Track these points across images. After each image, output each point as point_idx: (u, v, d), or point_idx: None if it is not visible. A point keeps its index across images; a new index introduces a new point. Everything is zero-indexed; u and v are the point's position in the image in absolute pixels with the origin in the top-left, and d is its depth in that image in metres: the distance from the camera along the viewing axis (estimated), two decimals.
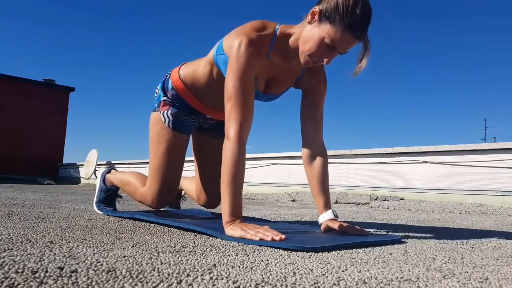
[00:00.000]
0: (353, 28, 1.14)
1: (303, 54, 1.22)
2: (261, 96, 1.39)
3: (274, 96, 1.42)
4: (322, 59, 1.21)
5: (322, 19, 1.17)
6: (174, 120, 1.53)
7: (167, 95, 1.54)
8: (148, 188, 1.58)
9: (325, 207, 1.34)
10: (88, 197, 3.34)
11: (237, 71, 1.19)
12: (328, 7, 1.15)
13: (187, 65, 1.52)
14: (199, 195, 1.71)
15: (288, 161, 5.21)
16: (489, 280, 0.73)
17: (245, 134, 1.19)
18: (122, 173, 1.80)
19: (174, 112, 1.53)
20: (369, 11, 1.16)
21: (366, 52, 1.18)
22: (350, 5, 1.13)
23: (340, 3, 1.14)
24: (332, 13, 1.15)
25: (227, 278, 0.66)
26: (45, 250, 0.83)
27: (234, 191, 1.14)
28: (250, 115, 1.21)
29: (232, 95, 1.19)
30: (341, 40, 1.16)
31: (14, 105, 10.46)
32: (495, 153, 3.60)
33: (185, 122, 1.55)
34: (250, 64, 1.20)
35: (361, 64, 1.18)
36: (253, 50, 1.20)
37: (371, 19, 1.17)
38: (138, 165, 7.77)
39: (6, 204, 2.12)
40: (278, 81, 1.38)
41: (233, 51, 1.21)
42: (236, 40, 1.21)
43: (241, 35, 1.21)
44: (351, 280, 0.68)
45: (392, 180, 4.20)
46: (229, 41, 1.25)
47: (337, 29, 1.15)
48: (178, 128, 1.54)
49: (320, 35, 1.17)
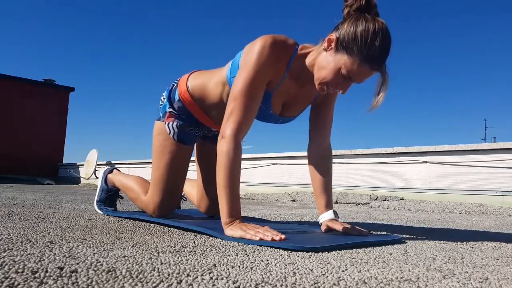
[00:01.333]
0: (371, 60, 1.09)
1: (318, 81, 1.18)
2: (277, 119, 1.35)
3: (290, 118, 1.39)
4: (337, 88, 1.18)
5: (339, 48, 1.12)
6: (179, 132, 1.49)
7: (173, 106, 1.50)
8: (150, 198, 1.56)
9: (326, 207, 1.34)
10: (88, 197, 3.34)
11: (250, 72, 1.16)
12: (346, 35, 1.10)
13: (196, 75, 1.48)
14: (200, 203, 1.70)
15: (288, 161, 5.20)
16: (489, 280, 0.73)
17: (242, 136, 1.17)
18: (124, 176, 1.78)
19: (179, 124, 1.49)
20: (388, 42, 1.11)
21: (384, 85, 1.13)
22: (370, 36, 1.08)
23: (359, 34, 1.08)
24: (350, 43, 1.09)
25: (227, 278, 0.66)
26: (45, 250, 0.83)
27: (231, 191, 1.13)
28: (251, 120, 1.20)
29: (239, 95, 1.16)
30: (358, 72, 1.11)
31: (14, 105, 10.46)
32: (495, 153, 3.60)
33: (190, 133, 1.52)
34: (266, 67, 1.17)
35: (378, 98, 1.13)
36: (274, 52, 1.18)
37: (390, 50, 1.12)
38: (138, 165, 7.77)
39: (6, 204, 2.12)
40: (294, 103, 1.35)
41: (254, 51, 1.17)
42: (259, 42, 1.18)
43: (266, 37, 1.19)
44: (351, 280, 0.68)
45: (392, 180, 4.20)
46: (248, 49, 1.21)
47: (354, 61, 1.10)
48: (183, 140, 1.51)
49: (336, 65, 1.13)
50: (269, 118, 1.35)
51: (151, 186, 1.55)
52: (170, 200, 1.54)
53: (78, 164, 9.66)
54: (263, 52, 1.17)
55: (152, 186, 1.55)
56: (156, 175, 1.53)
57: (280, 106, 1.33)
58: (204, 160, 1.67)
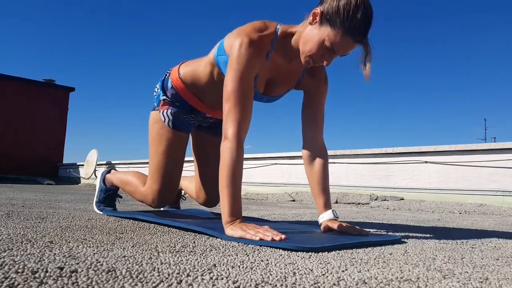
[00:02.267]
0: (353, 32, 1.14)
1: (304, 54, 1.23)
2: (261, 97, 1.38)
3: (274, 97, 1.42)
4: (322, 61, 1.22)
5: (323, 21, 1.17)
6: (174, 119, 1.53)
7: (166, 94, 1.53)
8: (148, 187, 1.58)
9: (325, 207, 1.34)
10: (88, 197, 3.34)
11: (237, 72, 1.19)
12: (329, 9, 1.15)
13: (187, 64, 1.52)
14: (198, 194, 1.71)
15: (288, 161, 5.20)
16: (489, 280, 0.73)
17: (243, 135, 1.19)
18: (122, 173, 1.80)
19: (173, 112, 1.53)
20: (370, 15, 1.16)
21: (367, 56, 1.18)
22: (352, 9, 1.13)
23: (341, 7, 1.13)
24: (333, 16, 1.14)
25: (227, 278, 0.66)
26: (45, 250, 0.83)
27: (233, 191, 1.14)
28: (249, 116, 1.21)
29: (231, 95, 1.18)
30: (341, 44, 1.16)
31: (14, 105, 10.45)
32: (495, 153, 3.60)
33: (185, 121, 1.55)
34: (250, 64, 1.20)
35: (365, 68, 1.18)
36: (254, 51, 1.20)
37: (372, 23, 1.17)
38: (138, 165, 7.77)
39: (6, 204, 2.12)
40: (278, 82, 1.37)
41: (234, 51, 1.21)
42: (237, 40, 1.21)
43: (242, 35, 1.21)
44: (351, 280, 0.68)
45: (392, 180, 4.20)
46: (229, 41, 1.25)
47: (337, 33, 1.15)
48: (178, 127, 1.54)
49: (320, 38, 1.17)
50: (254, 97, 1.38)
51: (149, 175, 1.58)
52: (168, 188, 1.56)
53: (78, 164, 9.66)
54: (242, 53, 1.20)
55: (150, 175, 1.57)
56: (153, 163, 1.55)
57: (263, 84, 1.35)
58: (200, 151, 1.70)
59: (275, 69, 1.33)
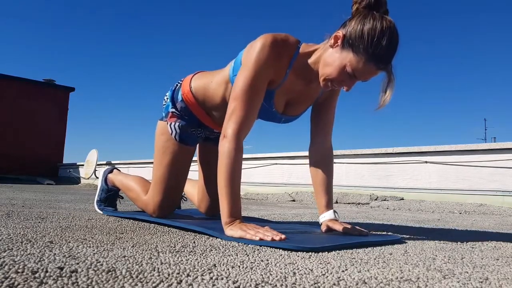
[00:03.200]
0: (377, 59, 1.08)
1: (323, 77, 1.18)
2: (280, 118, 1.34)
3: (293, 117, 1.38)
4: (342, 85, 1.17)
5: (345, 45, 1.11)
6: (181, 133, 1.49)
7: (176, 106, 1.49)
8: (150, 198, 1.56)
9: (327, 207, 1.34)
10: (88, 197, 3.34)
11: (251, 71, 1.16)
12: (352, 33, 1.09)
13: (200, 76, 1.47)
14: (200, 203, 1.70)
15: (288, 161, 5.20)
16: (489, 280, 0.73)
17: (243, 136, 1.17)
18: (124, 176, 1.78)
19: (181, 125, 1.49)
20: (395, 42, 1.09)
21: (390, 84, 1.12)
22: (376, 35, 1.06)
23: (366, 32, 1.07)
24: (356, 41, 1.08)
25: (227, 278, 0.66)
26: (45, 250, 0.83)
27: (232, 191, 1.13)
28: (253, 118, 1.19)
29: (240, 94, 1.16)
30: (363, 71, 1.11)
31: (14, 105, 10.46)
32: (495, 153, 3.60)
33: (192, 134, 1.52)
34: (268, 64, 1.17)
35: (385, 97, 1.12)
36: (275, 51, 1.17)
37: (397, 50, 1.10)
38: (138, 165, 7.77)
39: (6, 204, 2.12)
40: (297, 102, 1.34)
41: (254, 51, 1.17)
42: (260, 41, 1.18)
43: (266, 36, 1.18)
44: (351, 280, 0.68)
45: (392, 180, 4.20)
46: (248, 48, 1.21)
47: (359, 59, 1.09)
48: (184, 140, 1.50)
49: (342, 63, 1.12)
50: (271, 117, 1.35)
51: (152, 185, 1.55)
52: (170, 200, 1.54)
53: (78, 164, 9.66)
54: (263, 52, 1.17)
55: (152, 186, 1.55)
56: (157, 175, 1.52)
57: (283, 104, 1.32)
58: (205, 161, 1.67)
59: (293, 90, 1.29)
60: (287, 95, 1.30)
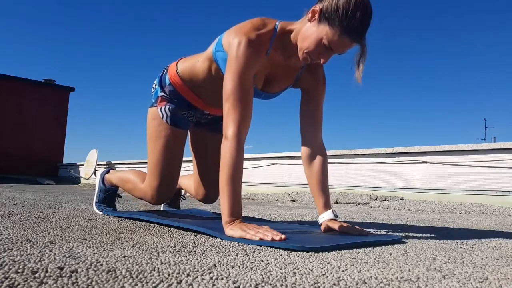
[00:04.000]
0: (351, 32, 1.14)
1: (301, 51, 1.23)
2: (260, 94, 1.38)
3: (272, 94, 1.42)
4: (319, 58, 1.22)
5: (322, 19, 1.16)
6: (172, 115, 1.52)
7: (164, 90, 1.53)
8: (147, 184, 1.58)
9: (325, 207, 1.34)
10: (88, 197, 3.34)
11: (236, 71, 1.19)
12: (328, 7, 1.15)
13: (185, 60, 1.52)
14: (197, 191, 1.71)
15: (288, 161, 5.20)
16: (489, 280, 0.73)
17: (244, 134, 1.19)
18: (121, 172, 1.80)
19: (171, 108, 1.52)
20: (369, 15, 1.15)
21: (362, 56, 1.19)
22: (351, 8, 1.12)
23: (341, 6, 1.12)
24: (331, 14, 1.14)
25: (227, 278, 0.66)
26: (45, 250, 0.83)
27: (233, 191, 1.14)
28: (249, 116, 1.21)
29: (230, 95, 1.18)
30: (339, 43, 1.16)
31: (14, 105, 10.46)
32: (495, 153, 3.60)
33: (183, 117, 1.55)
34: (249, 64, 1.20)
35: (358, 69, 1.19)
36: (253, 50, 1.20)
37: (370, 23, 1.17)
38: (138, 165, 7.77)
39: (6, 204, 2.12)
40: (277, 78, 1.37)
41: (232, 51, 1.21)
42: (236, 39, 1.21)
43: (241, 35, 1.21)
44: (351, 280, 0.68)
45: (392, 180, 4.20)
46: (228, 39, 1.25)
47: (335, 32, 1.14)
48: (176, 123, 1.53)
49: (318, 35, 1.17)
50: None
51: (148, 171, 1.58)
52: (167, 184, 1.56)
53: (78, 164, 9.66)
54: (241, 52, 1.19)
55: (149, 172, 1.57)
56: (152, 160, 1.55)
57: (262, 80, 1.35)
58: (198, 147, 1.70)
59: (273, 66, 1.33)
60: (267, 71, 1.33)
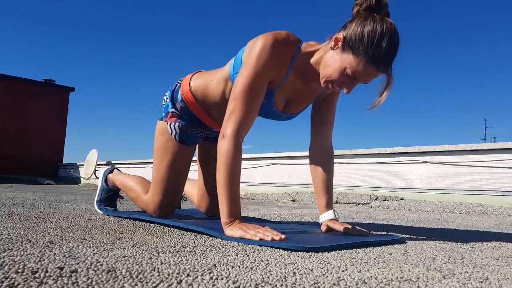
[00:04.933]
0: (377, 62, 1.09)
1: (324, 79, 1.18)
2: (280, 115, 1.35)
3: (293, 115, 1.38)
4: (342, 87, 1.17)
5: (346, 48, 1.11)
6: (181, 133, 1.49)
7: (175, 106, 1.49)
8: (150, 198, 1.56)
9: (327, 207, 1.34)
10: (88, 197, 3.34)
11: (251, 72, 1.16)
12: (352, 35, 1.10)
13: (199, 75, 1.47)
14: (200, 203, 1.70)
15: (288, 161, 5.20)
16: (489, 280, 0.73)
17: (242, 137, 1.17)
18: (124, 176, 1.77)
19: (181, 125, 1.49)
20: (395, 44, 1.10)
21: (387, 87, 1.13)
22: (376, 37, 1.07)
23: (366, 34, 1.08)
24: (356, 43, 1.09)
25: (227, 278, 0.66)
26: (45, 250, 0.83)
27: (231, 191, 1.13)
28: (252, 120, 1.19)
29: (240, 94, 1.16)
30: (363, 73, 1.11)
31: (14, 105, 10.46)
32: (495, 153, 3.60)
33: (192, 134, 1.52)
34: (268, 65, 1.17)
35: (381, 98, 1.13)
36: (276, 52, 1.17)
37: (397, 52, 1.11)
38: (138, 165, 7.77)
39: (6, 204, 2.12)
40: (297, 101, 1.34)
41: (254, 51, 1.17)
42: (260, 40, 1.17)
43: (267, 35, 1.18)
44: (351, 280, 0.68)
45: (392, 180, 4.20)
46: (251, 45, 1.21)
47: (359, 61, 1.09)
48: (185, 141, 1.50)
49: (342, 65, 1.12)
50: (271, 115, 1.35)
51: (152, 186, 1.55)
52: (170, 200, 1.54)
53: (78, 164, 9.66)
54: (264, 52, 1.16)
55: (153, 186, 1.54)
56: (157, 175, 1.52)
57: (283, 103, 1.32)
58: (205, 160, 1.67)
59: (293, 91, 1.29)
60: (287, 93, 1.30)
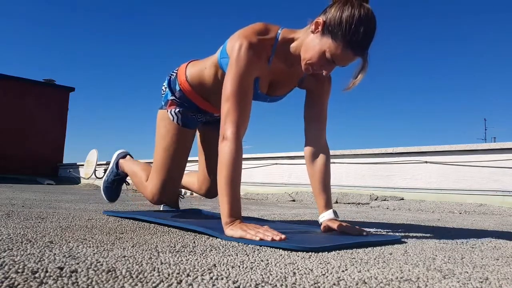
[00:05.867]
0: (354, 46, 1.14)
1: (304, 61, 1.23)
2: (265, 97, 1.39)
3: (278, 97, 1.43)
4: (321, 70, 1.22)
5: (325, 31, 1.16)
6: (182, 117, 1.56)
7: (174, 95, 1.55)
8: (150, 182, 1.62)
9: (326, 207, 1.34)
10: (88, 197, 3.34)
11: (236, 74, 1.20)
12: (332, 20, 1.14)
13: (194, 64, 1.53)
14: (201, 185, 1.75)
15: (288, 161, 5.20)
16: (489, 280, 0.73)
17: (242, 136, 1.20)
18: (133, 162, 1.86)
19: (182, 110, 1.55)
20: (372, 29, 1.15)
21: (363, 69, 1.19)
22: (354, 22, 1.11)
23: (344, 19, 1.12)
24: (335, 28, 1.13)
25: (227, 278, 0.66)
26: (45, 250, 0.83)
27: (232, 191, 1.14)
28: (247, 118, 1.22)
29: (230, 97, 1.19)
30: (341, 56, 1.16)
31: (14, 105, 10.46)
32: (495, 153, 3.60)
33: (192, 118, 1.58)
34: (249, 67, 1.21)
35: (355, 80, 1.19)
36: (253, 54, 1.21)
37: (374, 37, 1.16)
38: None
39: (6, 204, 2.12)
40: (281, 83, 1.39)
41: (234, 54, 1.21)
42: (237, 43, 1.21)
43: (242, 38, 1.22)
44: (351, 280, 0.68)
45: (392, 180, 4.20)
46: (231, 44, 1.26)
47: (338, 45, 1.14)
48: (186, 124, 1.57)
49: (321, 48, 1.17)
50: (258, 98, 1.39)
51: (153, 169, 1.61)
52: (169, 184, 1.59)
53: (78, 164, 9.66)
54: (242, 55, 1.20)
55: (153, 169, 1.60)
56: (158, 158, 1.58)
57: (267, 85, 1.36)
58: (205, 145, 1.74)
59: (277, 73, 1.34)
60: (270, 76, 1.35)
